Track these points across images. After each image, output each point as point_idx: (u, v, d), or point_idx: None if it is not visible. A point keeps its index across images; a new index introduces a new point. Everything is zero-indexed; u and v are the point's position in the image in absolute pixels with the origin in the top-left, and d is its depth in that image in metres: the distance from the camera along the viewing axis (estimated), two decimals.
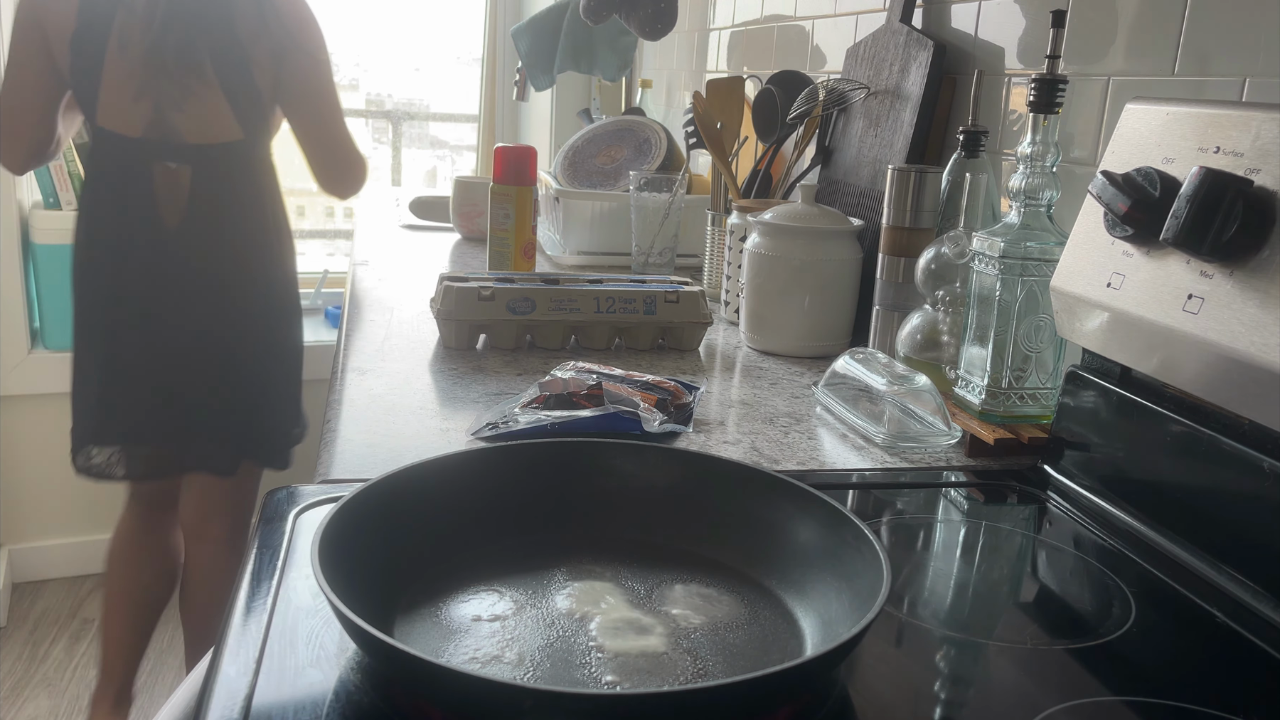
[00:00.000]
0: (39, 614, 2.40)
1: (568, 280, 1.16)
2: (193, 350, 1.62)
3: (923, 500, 0.80)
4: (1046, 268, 0.85)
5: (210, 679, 0.51)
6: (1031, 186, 0.85)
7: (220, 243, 1.61)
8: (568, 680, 0.52)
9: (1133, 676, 0.57)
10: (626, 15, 1.74)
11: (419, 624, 0.56)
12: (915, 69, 1.19)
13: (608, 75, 2.14)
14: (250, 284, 1.64)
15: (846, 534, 0.59)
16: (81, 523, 2.56)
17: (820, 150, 1.41)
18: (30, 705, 2.07)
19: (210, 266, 1.61)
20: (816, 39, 1.56)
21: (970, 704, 0.54)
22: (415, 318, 1.25)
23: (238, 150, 1.60)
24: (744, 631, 0.58)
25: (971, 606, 0.65)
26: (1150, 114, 0.76)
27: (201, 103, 1.56)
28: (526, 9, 2.90)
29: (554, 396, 0.86)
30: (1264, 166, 0.65)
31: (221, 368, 1.64)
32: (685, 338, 1.16)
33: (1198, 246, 0.66)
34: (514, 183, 1.37)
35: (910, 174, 1.03)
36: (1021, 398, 0.88)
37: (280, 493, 0.72)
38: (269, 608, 0.57)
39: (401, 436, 0.84)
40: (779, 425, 0.93)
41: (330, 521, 0.55)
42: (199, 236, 1.59)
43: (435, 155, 3.44)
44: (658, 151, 1.73)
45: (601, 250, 1.65)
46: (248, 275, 1.64)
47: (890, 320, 1.06)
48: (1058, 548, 0.74)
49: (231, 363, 1.65)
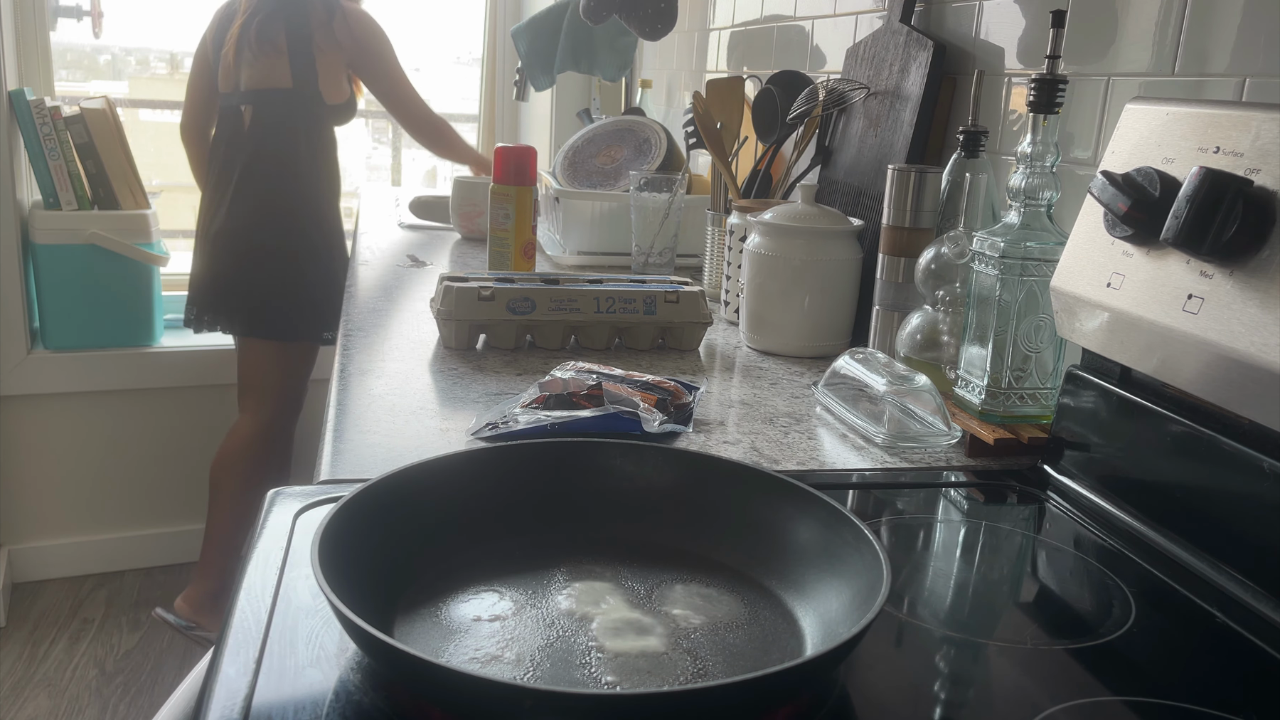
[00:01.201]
0: (39, 614, 2.40)
1: (568, 280, 1.16)
2: (239, 237, 2.17)
3: (923, 500, 0.80)
4: (1046, 268, 0.85)
5: (210, 679, 0.51)
6: (1031, 186, 0.85)
7: (272, 161, 2.17)
8: (567, 680, 0.52)
9: (1133, 676, 0.57)
10: (626, 15, 1.74)
11: (419, 624, 0.56)
12: (915, 69, 1.19)
13: (608, 75, 2.13)
14: (296, 197, 2.18)
15: (846, 534, 0.59)
16: (81, 523, 2.56)
17: (820, 150, 1.41)
18: (30, 705, 2.07)
19: (263, 181, 2.16)
20: (816, 39, 1.56)
21: (970, 704, 0.54)
22: (415, 318, 1.25)
23: (286, 94, 2.15)
24: (744, 631, 0.58)
25: (971, 606, 0.65)
26: (1150, 114, 0.76)
27: (268, 62, 2.13)
28: (526, 9, 2.90)
29: (554, 396, 0.86)
30: (1264, 166, 0.65)
31: (255, 253, 2.16)
32: (685, 338, 1.16)
33: (1198, 246, 0.66)
34: (514, 183, 1.37)
35: (910, 174, 1.03)
36: (1021, 398, 0.88)
37: (280, 493, 0.72)
38: (269, 608, 0.57)
39: (401, 436, 0.84)
40: (779, 425, 0.93)
41: (330, 521, 0.55)
42: (259, 157, 2.16)
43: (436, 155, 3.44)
44: (658, 151, 1.73)
45: (601, 250, 1.65)
46: (296, 188, 2.18)
47: (890, 320, 1.06)
48: (1058, 548, 0.74)
49: (264, 251, 2.16)
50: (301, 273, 2.18)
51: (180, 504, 2.60)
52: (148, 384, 2.53)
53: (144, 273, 2.46)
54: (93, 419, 2.51)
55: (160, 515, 2.62)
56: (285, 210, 2.17)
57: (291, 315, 2.19)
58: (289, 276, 2.17)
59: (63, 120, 2.33)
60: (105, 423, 2.53)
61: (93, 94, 2.58)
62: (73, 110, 2.35)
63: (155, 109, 3.11)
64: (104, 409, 2.51)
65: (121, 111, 2.50)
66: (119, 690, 2.13)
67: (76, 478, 2.54)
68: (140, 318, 2.49)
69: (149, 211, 2.44)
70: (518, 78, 2.32)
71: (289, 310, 2.19)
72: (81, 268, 2.37)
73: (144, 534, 2.62)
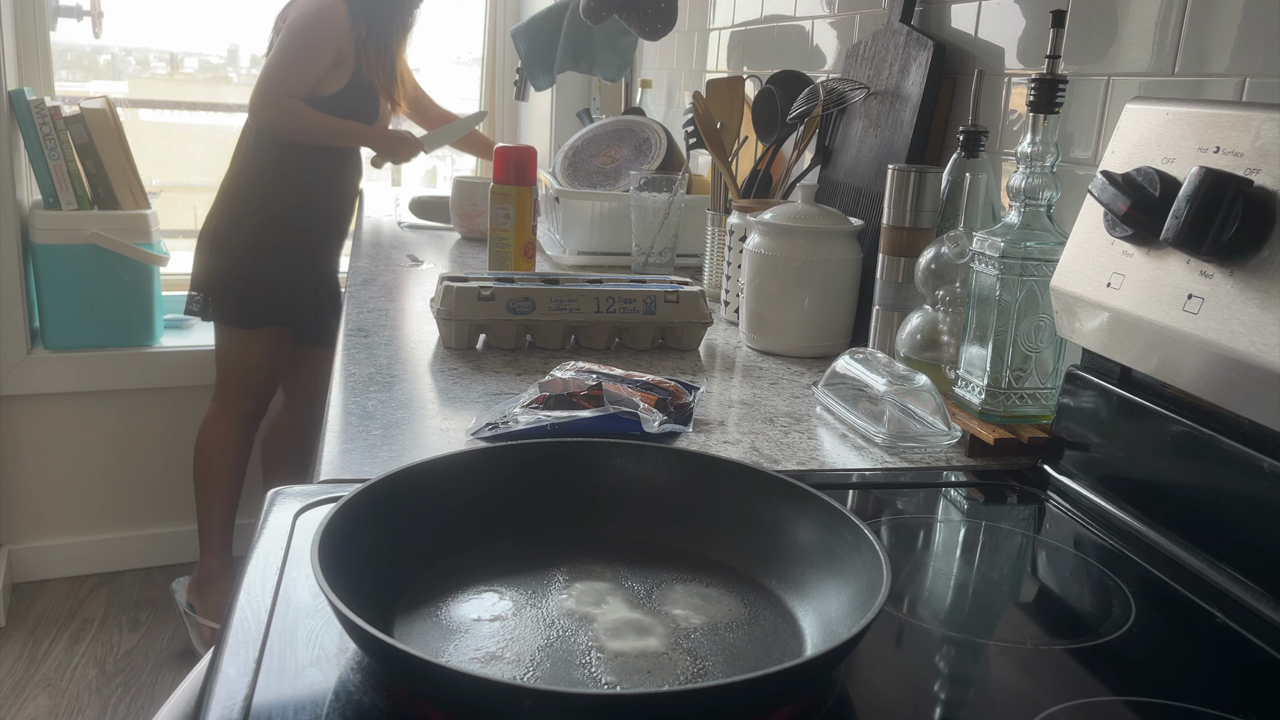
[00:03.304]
0: (39, 614, 2.40)
1: (568, 280, 1.16)
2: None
3: (923, 500, 0.80)
4: (1046, 268, 0.85)
5: (210, 679, 0.51)
6: (1031, 186, 0.85)
7: (241, 148, 2.20)
8: (567, 680, 0.52)
9: (1133, 676, 0.57)
10: (626, 15, 1.74)
11: (419, 624, 0.56)
12: (915, 69, 1.19)
13: (608, 75, 2.13)
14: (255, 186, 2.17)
15: (846, 534, 0.59)
16: (81, 523, 2.56)
17: (820, 150, 1.41)
18: (30, 705, 2.07)
19: (232, 168, 2.20)
20: (816, 39, 1.56)
21: (970, 704, 0.54)
22: (415, 318, 1.25)
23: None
24: (744, 631, 0.58)
25: (971, 606, 0.65)
26: (1150, 114, 0.76)
27: None
28: (526, 9, 2.90)
29: (554, 397, 0.86)
30: (1264, 166, 0.65)
31: (210, 238, 2.19)
32: (685, 338, 1.16)
33: (1198, 246, 0.66)
34: (514, 183, 1.37)
35: (910, 174, 1.03)
36: (1021, 398, 0.88)
37: (280, 493, 0.72)
38: (269, 608, 0.57)
39: (401, 436, 0.84)
40: (779, 425, 0.93)
41: (330, 521, 0.55)
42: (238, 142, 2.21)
43: (435, 155, 3.44)
44: (658, 151, 1.73)
45: (601, 250, 1.65)
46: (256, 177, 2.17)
47: (890, 320, 1.06)
48: (1058, 548, 0.74)
49: (218, 237, 2.18)
50: (252, 262, 2.17)
51: (180, 504, 2.60)
52: (148, 384, 2.52)
53: (144, 273, 2.45)
54: (93, 419, 2.51)
55: (160, 515, 2.62)
56: (241, 199, 2.17)
57: (241, 302, 2.19)
58: (238, 265, 2.17)
59: (63, 120, 2.33)
60: (105, 423, 2.53)
61: (93, 94, 2.58)
62: (73, 110, 2.35)
63: (155, 109, 3.10)
64: (104, 409, 2.51)
65: (121, 111, 2.50)
66: (119, 690, 2.13)
67: (76, 478, 2.54)
68: (140, 318, 2.49)
69: (149, 211, 2.44)
70: (518, 78, 2.31)
71: (238, 296, 2.18)
72: (81, 268, 2.37)
73: (144, 534, 2.61)
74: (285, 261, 2.20)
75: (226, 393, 2.26)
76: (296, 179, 2.17)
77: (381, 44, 2.16)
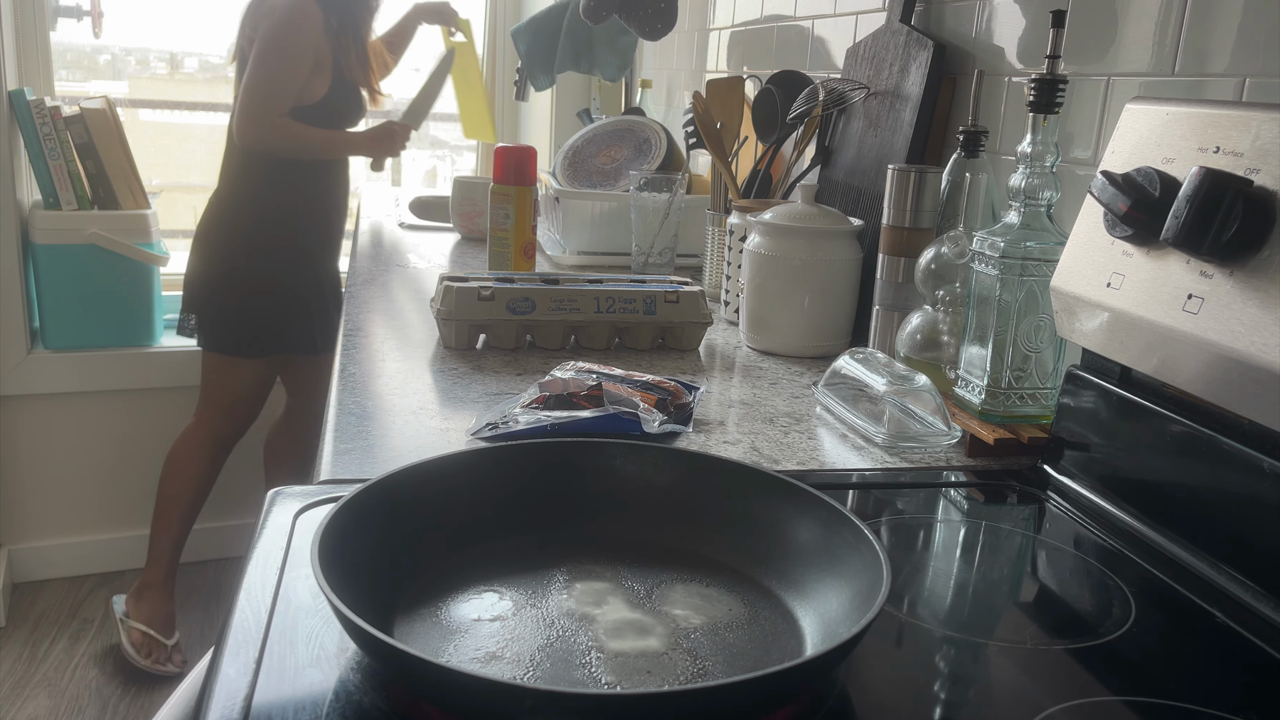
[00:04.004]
0: (39, 614, 2.40)
1: (568, 280, 1.16)
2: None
3: (923, 500, 0.80)
4: (1046, 268, 0.85)
5: (210, 679, 0.51)
6: (1031, 186, 0.85)
7: (225, 172, 2.15)
8: (567, 680, 0.52)
9: (1133, 676, 0.57)
10: (626, 15, 1.74)
11: (419, 624, 0.56)
12: (915, 69, 1.19)
13: (608, 75, 2.13)
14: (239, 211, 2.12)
15: (846, 534, 0.59)
16: (81, 523, 2.56)
17: (820, 150, 1.41)
18: (30, 705, 2.07)
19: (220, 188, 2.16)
20: (816, 39, 1.56)
21: (970, 704, 0.54)
22: (415, 318, 1.25)
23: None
24: (744, 631, 0.58)
25: (971, 606, 0.65)
26: (1150, 114, 0.76)
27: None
28: (526, 9, 2.90)
29: (554, 397, 0.86)
30: (1264, 166, 0.65)
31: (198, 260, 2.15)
32: (685, 338, 1.16)
33: (1198, 246, 0.66)
34: (514, 183, 1.37)
35: (910, 174, 1.03)
36: (1021, 398, 0.88)
37: (280, 493, 0.72)
38: (269, 608, 0.57)
39: (401, 436, 0.84)
40: (779, 425, 0.93)
41: (330, 521, 0.55)
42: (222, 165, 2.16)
43: (435, 155, 3.45)
44: (658, 151, 1.73)
45: (601, 250, 1.65)
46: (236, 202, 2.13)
47: (890, 320, 1.06)
48: (1058, 548, 0.74)
49: (202, 260, 2.14)
50: (233, 289, 2.12)
51: None
52: (148, 384, 2.52)
53: (144, 273, 2.45)
54: (93, 419, 2.51)
55: None
56: (231, 224, 2.12)
57: (232, 329, 2.14)
58: (231, 295, 2.12)
59: (63, 120, 2.33)
60: (105, 423, 2.53)
61: (93, 94, 2.58)
62: (73, 110, 2.35)
63: (155, 109, 3.10)
64: (104, 409, 2.51)
65: (121, 111, 2.50)
66: (119, 690, 2.13)
67: (76, 478, 2.54)
68: (140, 318, 2.49)
69: (149, 211, 2.44)
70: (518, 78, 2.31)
71: (229, 324, 2.14)
72: (81, 268, 2.37)
73: (144, 534, 2.59)
74: (280, 284, 2.14)
75: (207, 412, 2.22)
76: (287, 195, 2.12)
77: (353, 31, 2.09)
